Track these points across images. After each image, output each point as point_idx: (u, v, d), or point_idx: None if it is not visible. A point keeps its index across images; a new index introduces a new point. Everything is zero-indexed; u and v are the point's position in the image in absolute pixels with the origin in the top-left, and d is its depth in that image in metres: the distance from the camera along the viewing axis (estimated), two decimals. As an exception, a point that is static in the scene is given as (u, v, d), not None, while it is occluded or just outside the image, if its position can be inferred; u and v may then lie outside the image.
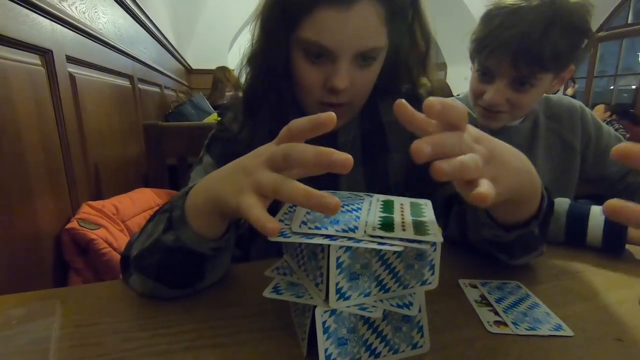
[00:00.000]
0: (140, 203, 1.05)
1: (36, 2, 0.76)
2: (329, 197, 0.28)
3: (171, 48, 2.99)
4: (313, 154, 0.29)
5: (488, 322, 0.40)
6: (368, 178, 0.62)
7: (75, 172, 0.91)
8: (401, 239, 0.30)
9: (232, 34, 5.12)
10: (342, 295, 0.32)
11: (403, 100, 0.29)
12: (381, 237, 0.31)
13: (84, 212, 0.86)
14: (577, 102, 0.90)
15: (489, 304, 0.44)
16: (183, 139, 1.19)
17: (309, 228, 0.32)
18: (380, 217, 0.35)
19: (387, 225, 0.33)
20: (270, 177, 0.31)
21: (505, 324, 0.40)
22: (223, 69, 3.33)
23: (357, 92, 0.55)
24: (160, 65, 2.43)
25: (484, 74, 0.77)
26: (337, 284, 0.31)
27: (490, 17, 0.73)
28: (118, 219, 0.93)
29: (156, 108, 2.16)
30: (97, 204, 0.91)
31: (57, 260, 0.80)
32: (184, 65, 4.08)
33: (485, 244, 0.50)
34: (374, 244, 0.30)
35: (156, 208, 1.09)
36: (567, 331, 0.39)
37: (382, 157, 0.63)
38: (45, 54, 0.82)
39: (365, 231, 0.31)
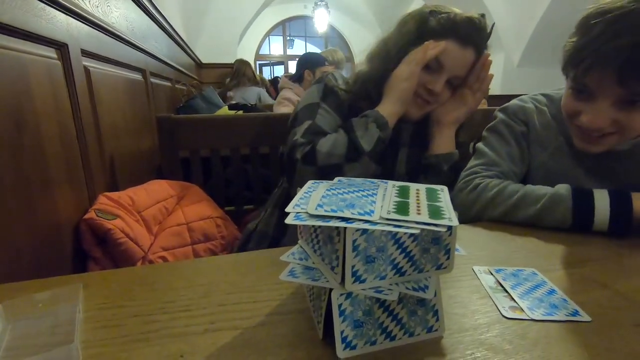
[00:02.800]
0: (154, 194, 1.06)
1: (51, -4, 0.77)
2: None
3: (182, 42, 3.00)
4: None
5: (504, 307, 0.40)
6: (410, 157, 0.89)
7: (92, 163, 0.93)
8: (417, 222, 0.30)
9: (241, 28, 5.13)
10: (357, 278, 0.32)
11: None
12: (397, 221, 0.31)
13: (101, 202, 0.88)
14: None
15: (504, 290, 0.44)
16: (195, 131, 1.21)
17: (325, 211, 0.32)
18: (395, 201, 0.35)
19: (402, 209, 0.33)
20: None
21: (522, 310, 0.40)
22: (245, 63, 3.38)
23: (440, 99, 0.84)
24: (171, 60, 2.44)
25: (580, 92, 0.65)
26: (353, 266, 0.31)
27: (588, 25, 0.60)
28: (134, 210, 0.95)
29: (168, 102, 2.18)
30: (114, 195, 0.93)
31: (76, 249, 0.82)
32: (194, 60, 4.10)
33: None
34: (390, 227, 0.30)
35: (170, 199, 1.11)
36: (585, 317, 0.39)
37: (419, 149, 0.90)
38: (61, 47, 0.83)
39: (381, 215, 0.32)
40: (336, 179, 0.44)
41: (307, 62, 2.26)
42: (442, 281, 0.37)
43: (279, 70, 7.76)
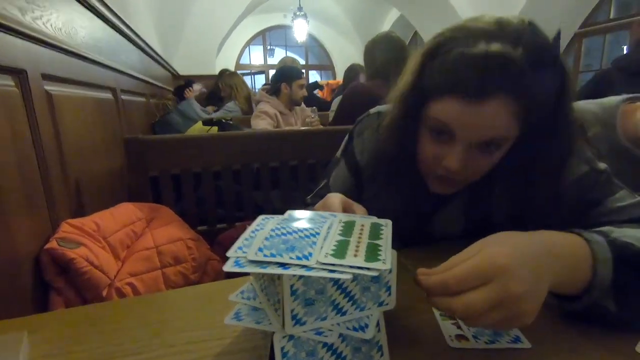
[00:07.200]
0: (121, 218, 1.04)
1: (7, 23, 0.76)
2: None
3: (156, 56, 2.97)
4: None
5: (450, 336, 0.41)
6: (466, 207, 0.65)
7: (55, 191, 0.91)
8: (351, 267, 0.31)
9: (220, 39, 5.11)
10: (298, 321, 0.32)
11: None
12: (332, 265, 0.31)
13: (64, 231, 0.86)
14: None
15: (452, 317, 0.45)
16: (165, 152, 1.19)
17: (265, 256, 0.33)
18: (336, 241, 0.36)
19: (340, 250, 0.34)
20: None
21: (467, 338, 0.41)
22: (232, 75, 3.25)
23: (472, 173, 0.55)
24: (145, 74, 2.41)
25: None
26: (292, 310, 0.32)
27: None
28: (99, 236, 0.93)
29: (142, 118, 2.14)
30: (77, 221, 0.90)
31: (38, 281, 0.79)
32: (170, 72, 4.06)
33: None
34: (324, 272, 0.31)
35: (138, 222, 1.09)
36: (525, 343, 0.40)
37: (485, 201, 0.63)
38: (19, 74, 0.81)
39: (317, 259, 0.32)
40: (287, 212, 0.45)
41: (284, 76, 2.28)
42: (396, 309, 0.37)
43: (260, 80, 7.76)
